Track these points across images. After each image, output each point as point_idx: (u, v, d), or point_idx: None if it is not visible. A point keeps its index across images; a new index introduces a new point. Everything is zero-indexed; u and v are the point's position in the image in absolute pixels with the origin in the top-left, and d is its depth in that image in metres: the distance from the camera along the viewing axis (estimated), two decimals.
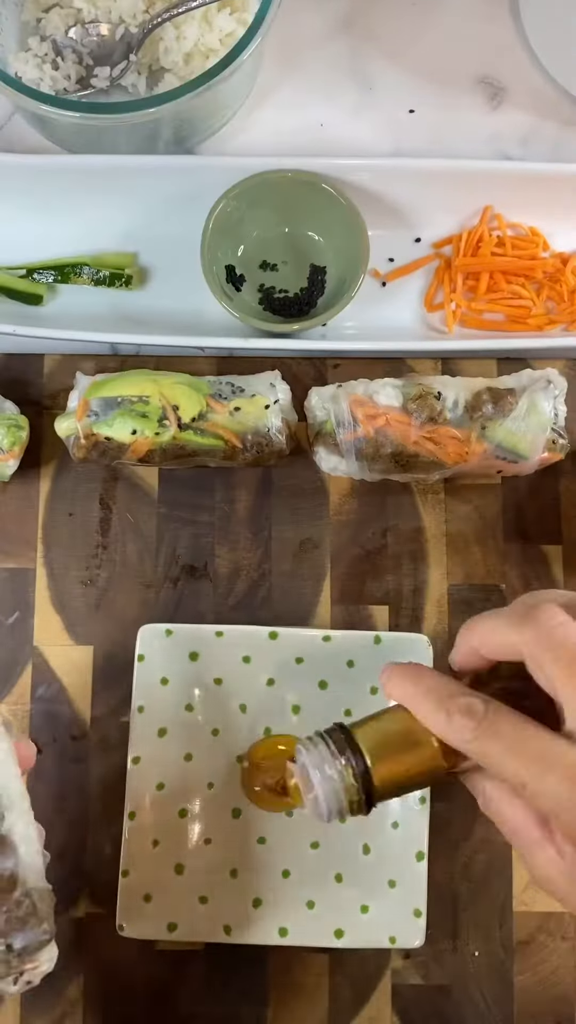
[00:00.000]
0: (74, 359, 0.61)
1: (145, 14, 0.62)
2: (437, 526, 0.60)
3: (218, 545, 0.60)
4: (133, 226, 0.63)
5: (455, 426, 0.55)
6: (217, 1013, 0.55)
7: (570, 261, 0.63)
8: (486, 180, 0.62)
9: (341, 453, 0.56)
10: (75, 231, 0.63)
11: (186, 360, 0.61)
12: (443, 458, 0.55)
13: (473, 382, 0.57)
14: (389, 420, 0.54)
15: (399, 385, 0.56)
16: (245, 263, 0.63)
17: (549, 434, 0.55)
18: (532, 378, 0.56)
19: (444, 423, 0.55)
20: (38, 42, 0.63)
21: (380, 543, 0.60)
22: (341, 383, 0.57)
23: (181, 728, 0.55)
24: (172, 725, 0.55)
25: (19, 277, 0.62)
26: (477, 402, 0.55)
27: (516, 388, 0.56)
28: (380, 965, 0.55)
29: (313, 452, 0.58)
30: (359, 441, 0.55)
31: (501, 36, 0.68)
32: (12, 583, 0.59)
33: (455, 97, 0.67)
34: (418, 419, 0.54)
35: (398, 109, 0.67)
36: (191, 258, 0.59)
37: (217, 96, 0.56)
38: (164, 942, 0.55)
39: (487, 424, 0.54)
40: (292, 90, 0.67)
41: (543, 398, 0.55)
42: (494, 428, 0.54)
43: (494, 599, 0.60)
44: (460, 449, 0.54)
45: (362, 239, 0.59)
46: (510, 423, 0.54)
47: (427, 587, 0.60)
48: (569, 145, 0.67)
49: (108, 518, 0.60)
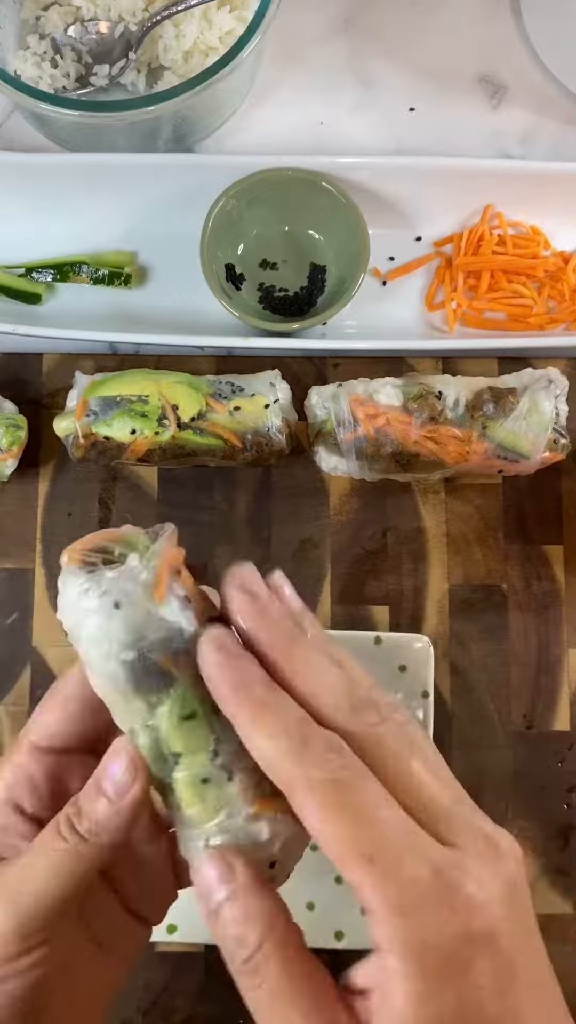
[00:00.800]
0: (73, 358, 0.61)
1: (144, 12, 0.62)
2: (437, 526, 0.60)
3: (218, 545, 0.60)
4: (132, 225, 0.63)
5: (456, 425, 0.54)
6: (217, 1013, 0.55)
7: (571, 260, 0.63)
8: (487, 178, 0.62)
9: (341, 453, 0.56)
10: (74, 229, 0.63)
11: (186, 359, 0.61)
12: (444, 457, 0.55)
13: (474, 381, 0.56)
14: (390, 419, 0.54)
15: (400, 384, 0.55)
16: (245, 262, 0.63)
17: (550, 433, 0.55)
18: (533, 377, 0.56)
19: (445, 422, 0.54)
20: (37, 40, 0.63)
21: (380, 543, 0.60)
22: (341, 382, 0.57)
23: None
24: None
25: (18, 276, 0.62)
26: (478, 401, 0.55)
27: (517, 387, 0.55)
28: None
29: (313, 452, 0.58)
30: (359, 440, 0.55)
31: (501, 34, 0.67)
32: (11, 583, 0.59)
33: (455, 95, 0.67)
34: (419, 418, 0.54)
35: (398, 107, 0.67)
36: (190, 257, 0.59)
37: (217, 94, 0.56)
38: (164, 943, 0.55)
39: (488, 423, 0.54)
40: (292, 88, 0.67)
41: (544, 397, 0.55)
42: (495, 427, 0.54)
43: (495, 599, 0.60)
44: (461, 448, 0.54)
45: (362, 238, 0.59)
46: (511, 422, 0.54)
47: (427, 587, 0.59)
48: (570, 143, 0.67)
49: (108, 518, 0.60)
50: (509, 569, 0.60)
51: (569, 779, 0.58)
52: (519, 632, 0.59)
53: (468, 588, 0.60)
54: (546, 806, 0.58)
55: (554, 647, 0.59)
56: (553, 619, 0.60)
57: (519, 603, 0.60)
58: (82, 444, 0.55)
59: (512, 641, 0.59)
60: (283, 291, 0.63)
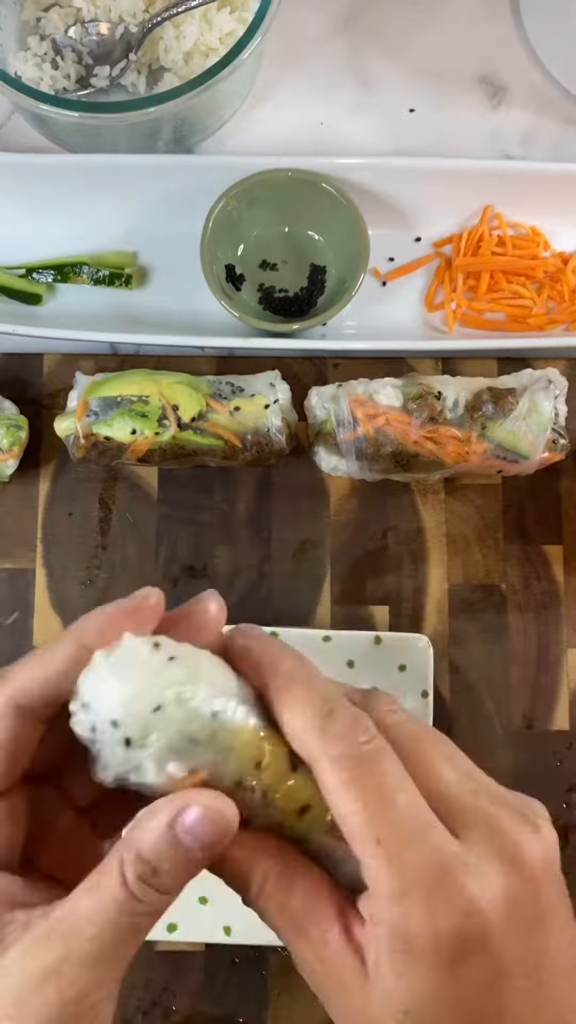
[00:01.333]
0: (73, 358, 0.61)
1: (145, 13, 0.62)
2: (437, 526, 0.60)
3: (218, 545, 0.60)
4: (133, 225, 0.63)
5: (455, 426, 0.55)
6: (217, 1013, 0.55)
7: (571, 260, 0.63)
8: (486, 179, 0.62)
9: (341, 453, 0.56)
10: (74, 230, 0.63)
11: (186, 360, 0.61)
12: (443, 458, 0.55)
13: (473, 382, 0.56)
14: (389, 420, 0.54)
15: (399, 385, 0.56)
16: (245, 262, 0.63)
17: (550, 434, 0.55)
18: (532, 378, 0.56)
19: (444, 423, 0.54)
20: (38, 41, 0.63)
21: (380, 543, 0.60)
22: (341, 383, 0.57)
23: None
24: None
25: (18, 276, 0.62)
26: (477, 402, 0.55)
27: (516, 388, 0.56)
28: None
29: (313, 452, 0.58)
30: (359, 441, 0.55)
31: (501, 35, 0.68)
32: (12, 583, 0.59)
33: (455, 96, 0.67)
34: (418, 419, 0.54)
35: (398, 108, 0.67)
36: (191, 257, 0.59)
37: (217, 95, 0.56)
38: (164, 942, 0.55)
39: (487, 424, 0.54)
40: (292, 89, 0.67)
41: (544, 398, 0.55)
42: (494, 428, 0.54)
43: (494, 599, 0.60)
44: (460, 449, 0.54)
45: (362, 238, 0.59)
46: (511, 423, 0.54)
47: (427, 587, 0.60)
48: (569, 144, 0.67)
49: (108, 518, 0.60)
50: (508, 569, 0.60)
51: (568, 779, 0.58)
52: (518, 632, 0.59)
53: (468, 588, 0.60)
54: (545, 805, 0.58)
55: (553, 647, 0.59)
56: (552, 619, 0.60)
57: (518, 603, 0.60)
58: (83, 444, 0.55)
59: (511, 641, 0.59)
60: (283, 292, 0.63)
